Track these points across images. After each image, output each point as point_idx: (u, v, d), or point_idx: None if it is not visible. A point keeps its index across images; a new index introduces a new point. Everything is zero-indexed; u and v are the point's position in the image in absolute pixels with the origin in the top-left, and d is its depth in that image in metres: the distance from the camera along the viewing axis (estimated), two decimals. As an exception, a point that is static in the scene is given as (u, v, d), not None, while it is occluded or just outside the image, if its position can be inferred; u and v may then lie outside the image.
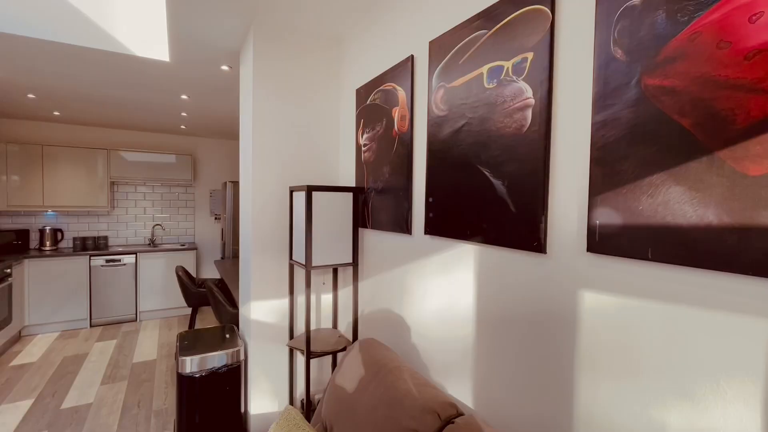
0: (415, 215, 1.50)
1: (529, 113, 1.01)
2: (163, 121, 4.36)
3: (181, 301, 4.68)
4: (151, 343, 3.83)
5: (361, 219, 1.90)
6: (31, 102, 3.56)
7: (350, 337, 1.99)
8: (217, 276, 5.14)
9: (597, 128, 0.85)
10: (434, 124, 1.36)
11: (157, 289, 4.55)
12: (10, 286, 3.56)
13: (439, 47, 1.34)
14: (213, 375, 1.83)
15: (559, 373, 0.96)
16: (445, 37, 1.32)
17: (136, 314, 4.47)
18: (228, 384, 1.87)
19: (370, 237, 1.85)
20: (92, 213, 4.66)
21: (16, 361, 3.38)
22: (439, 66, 1.34)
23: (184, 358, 1.79)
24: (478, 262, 1.20)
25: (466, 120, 1.21)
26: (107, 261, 4.27)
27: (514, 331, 1.08)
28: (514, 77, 1.05)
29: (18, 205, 4.11)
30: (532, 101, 1.00)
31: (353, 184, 2.00)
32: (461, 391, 1.28)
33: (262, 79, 1.93)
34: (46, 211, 4.37)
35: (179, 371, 1.79)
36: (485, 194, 1.14)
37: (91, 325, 4.25)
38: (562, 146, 0.95)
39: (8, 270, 3.54)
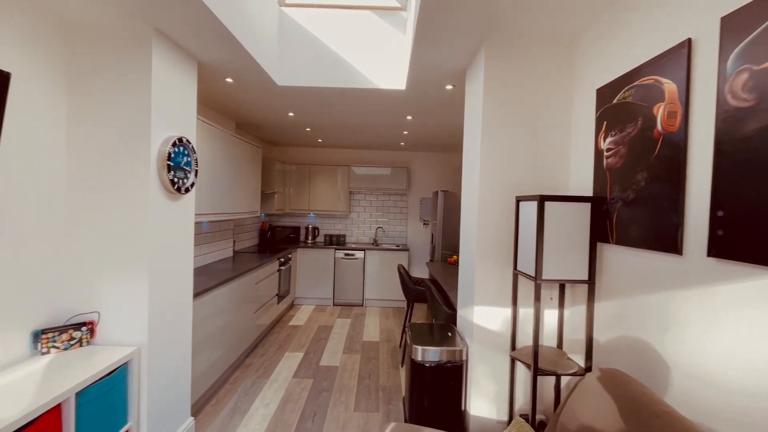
0: (689, 232, 1.23)
1: None
2: (386, 140, 5.14)
3: (395, 294, 5.37)
4: (374, 327, 4.55)
5: (600, 232, 1.70)
6: (307, 134, 4.85)
7: (580, 362, 1.81)
8: (426, 275, 5.64)
9: None
10: (729, 119, 1.09)
11: (377, 281, 5.38)
12: (289, 267, 4.94)
13: (738, 22, 1.07)
14: (439, 368, 2.01)
15: None
16: (751, 7, 1.03)
17: (363, 300, 5.41)
18: (451, 380, 2.02)
19: (614, 253, 1.63)
20: (336, 216, 5.93)
21: (291, 323, 4.65)
22: (740, 45, 1.06)
23: (416, 347, 2.04)
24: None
25: (794, 110, 0.91)
26: (345, 254, 5.35)
27: None
28: None
29: (294, 209, 5.66)
30: None
31: (588, 194, 1.82)
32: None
33: (492, 92, 2.01)
34: (309, 213, 5.85)
35: (412, 357, 2.06)
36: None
37: (333, 304, 5.42)
38: None
39: (290, 256, 4.92)
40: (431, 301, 2.98)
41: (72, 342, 1.80)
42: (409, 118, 3.82)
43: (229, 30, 1.97)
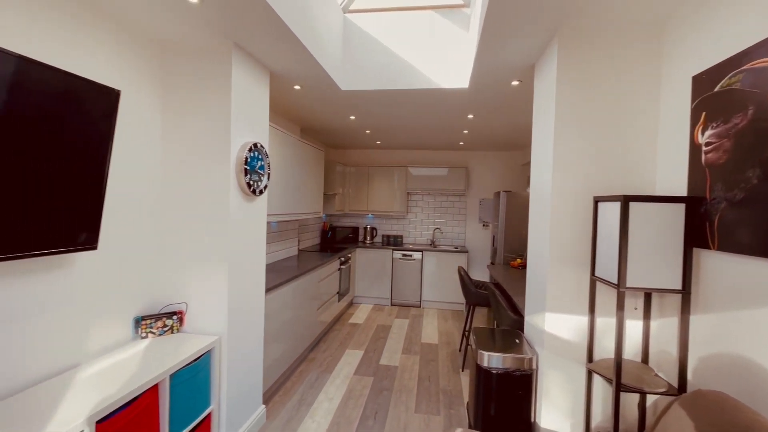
0: (820, 238, 1.05)
1: None
2: (445, 140, 5.07)
3: (453, 296, 5.27)
4: (432, 329, 4.51)
5: (697, 237, 1.52)
6: (366, 136, 4.94)
7: (670, 380, 1.64)
8: (486, 278, 5.47)
9: None
10: None
11: (435, 282, 5.33)
12: (349, 267, 5.07)
13: None
14: (507, 375, 1.93)
15: None
16: None
17: (420, 301, 5.38)
18: (520, 389, 1.93)
19: (716, 261, 1.45)
20: (393, 216, 5.98)
21: (351, 321, 4.77)
22: None
23: (482, 352, 1.98)
24: None
25: None
26: (403, 255, 5.37)
27: None
28: None
29: (353, 210, 5.80)
30: None
31: (681, 193, 1.63)
32: None
33: (566, 86, 1.89)
34: (368, 214, 5.96)
35: (478, 363, 2.00)
36: None
37: (391, 304, 5.46)
38: None
39: (350, 255, 5.05)
40: (495, 306, 2.88)
41: (165, 329, 2.00)
42: (470, 116, 3.73)
43: (302, 41, 2.08)
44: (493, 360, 1.96)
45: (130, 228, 1.92)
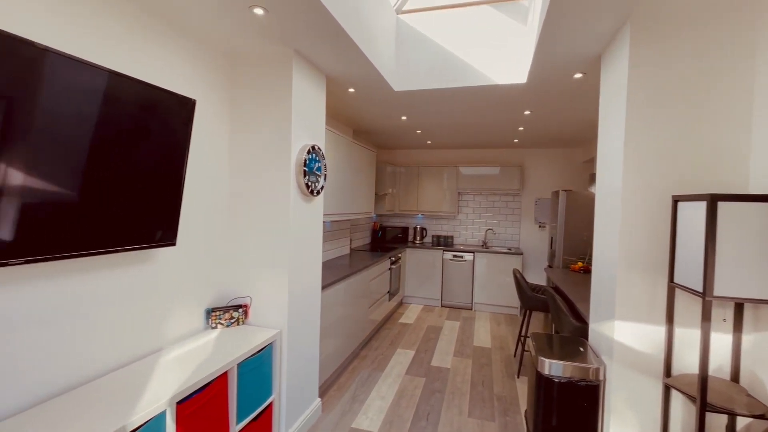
0: None
1: None
2: (498, 138, 4.90)
3: (507, 299, 5.09)
4: (485, 332, 4.39)
5: (804, 241, 1.33)
6: (417, 136, 4.93)
7: (766, 402, 1.44)
8: (542, 282, 5.22)
9: None
10: None
11: (487, 285, 5.18)
12: (399, 266, 5.09)
13: None
14: (570, 385, 1.83)
15: None
16: None
17: (471, 303, 5.26)
18: (585, 400, 1.81)
19: (828, 269, 1.25)
20: (443, 217, 5.90)
21: (401, 320, 4.78)
22: None
23: (543, 359, 1.89)
24: None
25: None
26: (454, 256, 5.28)
27: None
28: None
29: (402, 210, 5.81)
30: None
31: (783, 192, 1.43)
32: None
33: (639, 75, 1.74)
34: (417, 214, 5.94)
35: (538, 370, 1.91)
36: None
37: (441, 305, 5.40)
38: None
39: (400, 255, 5.07)
40: (555, 311, 2.73)
41: (232, 321, 2.15)
42: (527, 113, 3.58)
43: (358, 45, 2.12)
44: (554, 368, 1.87)
45: (201, 226, 2.08)
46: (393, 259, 4.71)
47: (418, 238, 5.78)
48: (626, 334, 1.77)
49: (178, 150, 1.71)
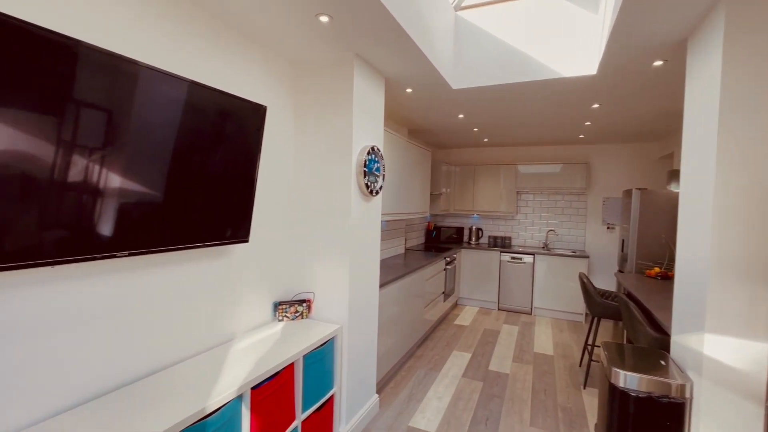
0: None
1: None
2: (562, 134, 4.63)
3: (570, 305, 4.79)
4: (546, 339, 4.17)
5: None
6: (474, 134, 4.82)
7: None
8: (612, 287, 4.84)
9: None
10: None
11: (549, 289, 4.91)
12: (454, 267, 5.01)
13: None
14: (650, 401, 1.68)
15: None
16: None
17: (531, 308, 5.03)
18: (668, 419, 1.65)
19: None
20: (500, 217, 5.70)
21: (456, 322, 4.70)
22: None
23: (617, 370, 1.76)
24: None
25: None
26: (512, 258, 5.09)
27: None
28: None
29: (457, 209, 5.71)
30: None
31: None
32: None
33: (736, 58, 1.55)
34: (473, 214, 5.80)
35: (611, 381, 1.78)
36: None
37: (498, 308, 5.22)
38: None
39: (455, 255, 4.99)
40: (629, 320, 2.52)
41: (297, 314, 2.26)
42: (595, 106, 3.34)
43: (418, 45, 2.13)
44: (630, 380, 1.72)
45: (270, 225, 2.22)
46: (448, 259, 4.65)
47: (473, 238, 5.64)
48: (719, 349, 1.58)
49: (251, 154, 1.84)
